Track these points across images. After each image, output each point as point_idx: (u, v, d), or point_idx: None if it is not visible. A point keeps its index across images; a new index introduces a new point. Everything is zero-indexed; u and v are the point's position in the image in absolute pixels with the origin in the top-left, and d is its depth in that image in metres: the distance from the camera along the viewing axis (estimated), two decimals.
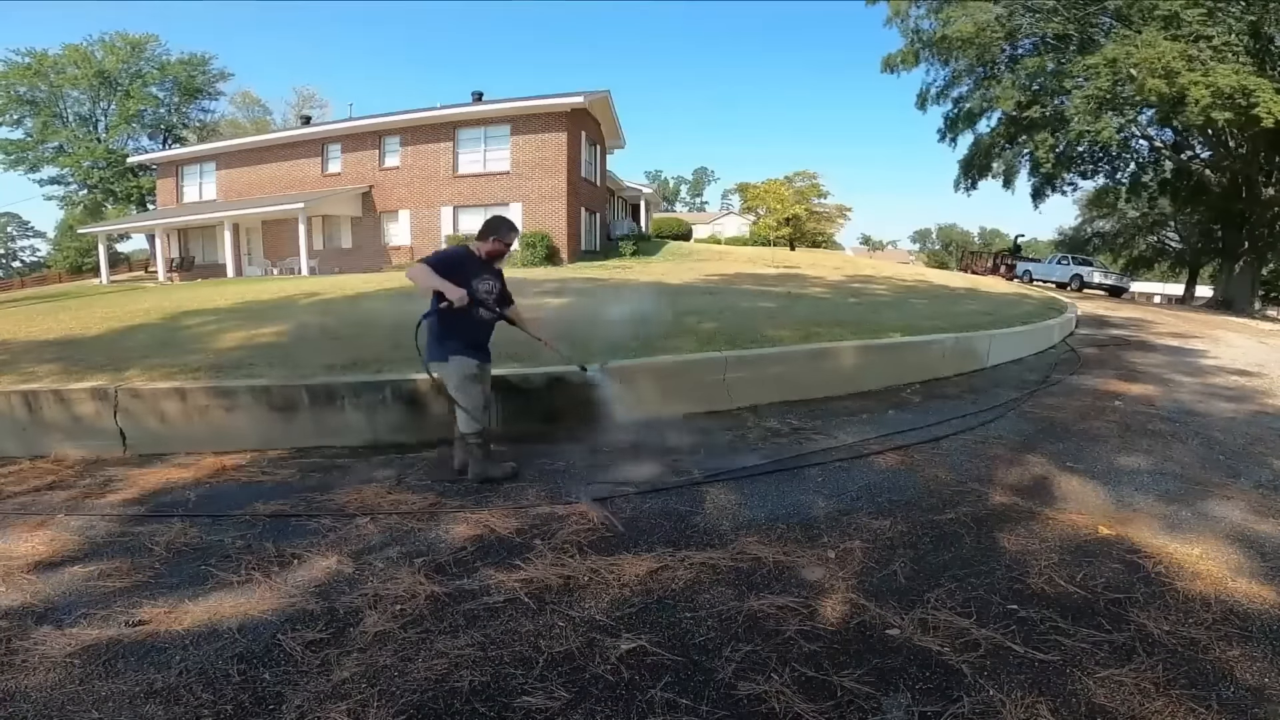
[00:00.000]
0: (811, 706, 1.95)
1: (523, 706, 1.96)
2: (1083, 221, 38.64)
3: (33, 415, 4.62)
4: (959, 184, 27.73)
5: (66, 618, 2.47)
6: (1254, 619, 2.44)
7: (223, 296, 11.14)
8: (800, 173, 49.12)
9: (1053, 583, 2.66)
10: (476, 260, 3.71)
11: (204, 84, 41.30)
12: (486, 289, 3.72)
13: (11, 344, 6.93)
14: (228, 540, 3.12)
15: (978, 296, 12.57)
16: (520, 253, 20.02)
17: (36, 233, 58.28)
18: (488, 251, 3.73)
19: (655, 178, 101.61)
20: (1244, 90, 16.86)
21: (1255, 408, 5.90)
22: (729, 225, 58.04)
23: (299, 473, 4.07)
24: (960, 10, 22.32)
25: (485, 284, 3.71)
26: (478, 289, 3.63)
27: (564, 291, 10.64)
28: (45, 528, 3.32)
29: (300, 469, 4.14)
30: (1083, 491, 3.69)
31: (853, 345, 6.28)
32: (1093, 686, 2.04)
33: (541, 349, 4.36)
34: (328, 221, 23.33)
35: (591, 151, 23.47)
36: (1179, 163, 24.94)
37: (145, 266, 33.62)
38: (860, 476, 3.88)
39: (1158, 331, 11.52)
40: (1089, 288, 24.44)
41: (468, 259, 3.69)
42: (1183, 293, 33.14)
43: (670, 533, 3.13)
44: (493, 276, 3.79)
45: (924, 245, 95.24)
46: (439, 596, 2.58)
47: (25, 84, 36.62)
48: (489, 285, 3.74)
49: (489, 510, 3.39)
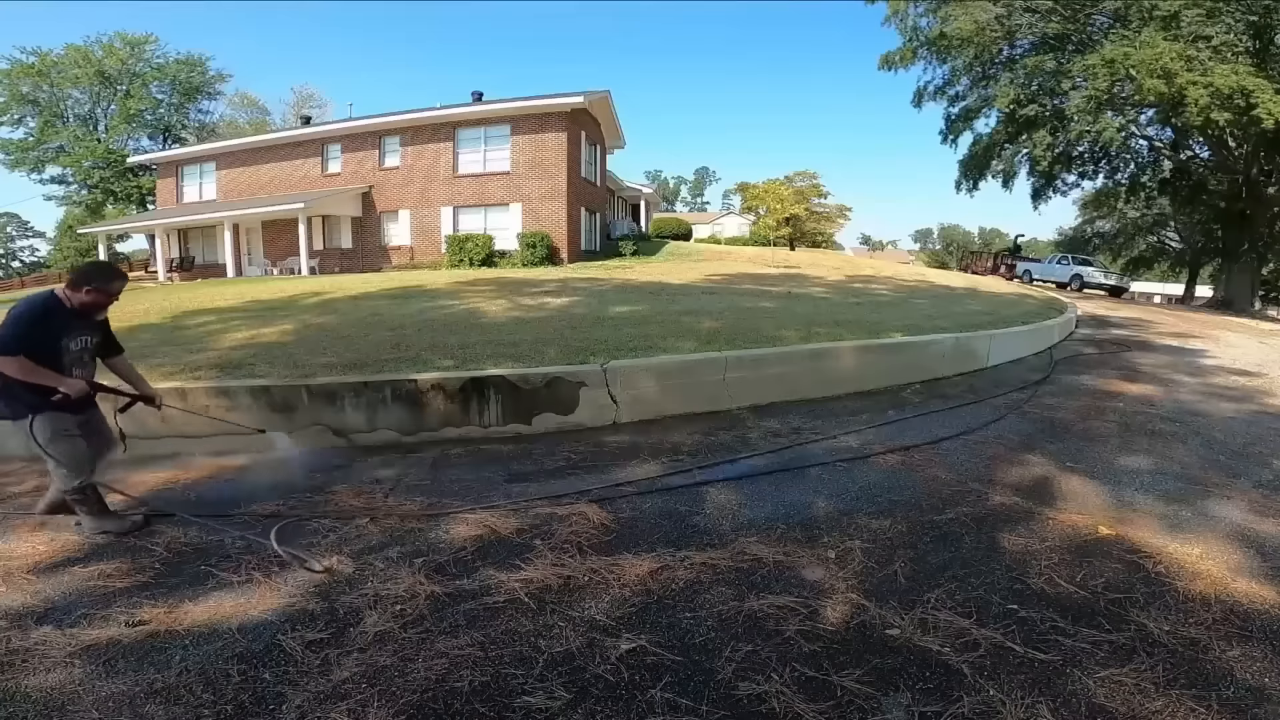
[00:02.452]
0: (811, 706, 1.95)
1: (523, 706, 1.96)
2: (1083, 222, 38.67)
3: None
4: (960, 185, 27.70)
5: (67, 618, 2.47)
6: (1254, 619, 2.44)
7: (223, 297, 11.14)
8: (800, 172, 49.23)
9: (1053, 583, 2.66)
10: (67, 313, 3.06)
11: (203, 84, 41.33)
12: (79, 347, 3.13)
13: None
14: (228, 540, 3.12)
15: (978, 296, 12.57)
16: (520, 253, 20.04)
17: (36, 233, 58.40)
18: (81, 303, 3.06)
19: (655, 178, 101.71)
20: (1243, 91, 16.85)
21: (1255, 408, 5.90)
22: (729, 225, 58.07)
23: (299, 473, 4.06)
24: (960, 9, 22.31)
25: (78, 341, 3.12)
26: (69, 348, 3.07)
27: (564, 291, 10.65)
28: (45, 528, 3.32)
29: (300, 469, 4.13)
30: (1083, 491, 3.69)
31: (852, 345, 6.28)
32: (1093, 686, 2.04)
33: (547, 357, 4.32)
34: (328, 221, 23.33)
35: (591, 151, 23.47)
36: (1179, 163, 24.94)
37: (145, 266, 33.59)
38: (860, 476, 3.88)
39: (1158, 331, 11.52)
40: (1089, 288, 24.44)
41: (54, 314, 3.03)
42: (1183, 293, 33.13)
43: (670, 533, 3.13)
44: (89, 330, 3.18)
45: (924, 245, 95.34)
46: (439, 597, 2.58)
47: (28, 83, 36.65)
48: (82, 342, 3.15)
49: (489, 511, 3.39)
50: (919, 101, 26.85)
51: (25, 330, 2.92)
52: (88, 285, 3.06)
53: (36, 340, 2.94)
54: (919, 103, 26.86)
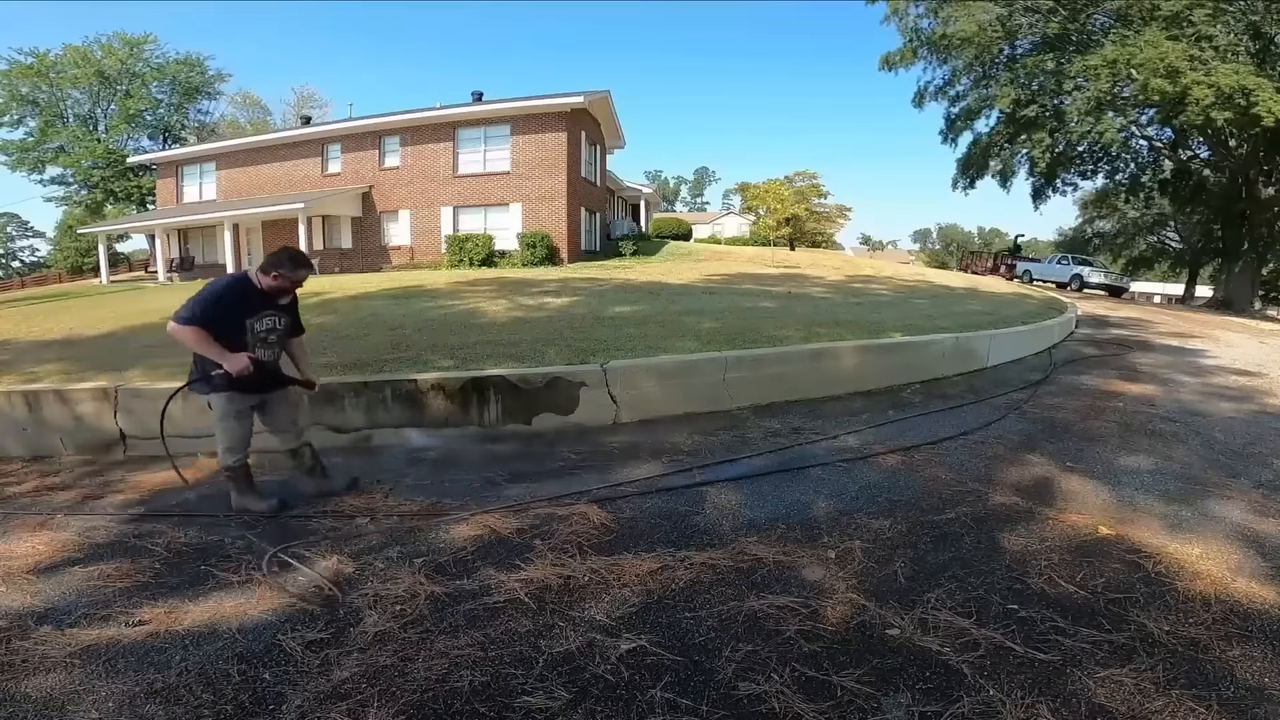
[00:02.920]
0: (811, 706, 1.95)
1: (523, 706, 1.96)
2: (1083, 221, 38.68)
3: (34, 415, 4.63)
4: (956, 183, 27.76)
5: (67, 618, 2.47)
6: (1254, 619, 2.44)
7: None
8: (800, 173, 49.24)
9: (1053, 583, 2.66)
10: (256, 294, 3.29)
11: (202, 84, 41.34)
12: (265, 327, 3.33)
13: (12, 344, 6.93)
14: (228, 540, 3.12)
15: (978, 296, 12.57)
16: (520, 253, 20.04)
17: (36, 233, 58.29)
18: (270, 286, 3.29)
19: (655, 178, 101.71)
20: (1244, 90, 16.86)
21: (1256, 407, 5.90)
22: (729, 225, 58.08)
23: (299, 473, 4.06)
24: (960, 9, 22.32)
25: (265, 322, 3.32)
26: (254, 328, 3.28)
27: (564, 291, 10.65)
28: (46, 528, 3.32)
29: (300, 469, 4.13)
30: (1083, 491, 3.69)
31: (852, 345, 6.28)
32: (1093, 686, 2.04)
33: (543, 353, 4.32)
34: (328, 221, 23.34)
35: (591, 151, 23.47)
36: (1179, 163, 24.95)
37: (145, 266, 33.62)
38: (860, 476, 3.88)
39: (1158, 331, 11.51)
40: (1089, 288, 24.43)
41: (245, 296, 3.27)
42: (1183, 293, 33.14)
43: (670, 533, 3.13)
44: (276, 312, 3.38)
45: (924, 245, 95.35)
46: (439, 597, 2.58)
47: (28, 84, 36.65)
48: (269, 323, 3.35)
49: (489, 511, 3.39)
50: (919, 101, 26.90)
51: (211, 307, 3.12)
52: (276, 271, 3.26)
53: (221, 317, 3.14)
54: (919, 103, 26.91)
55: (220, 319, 3.14)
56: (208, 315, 3.11)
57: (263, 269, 3.28)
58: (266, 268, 3.27)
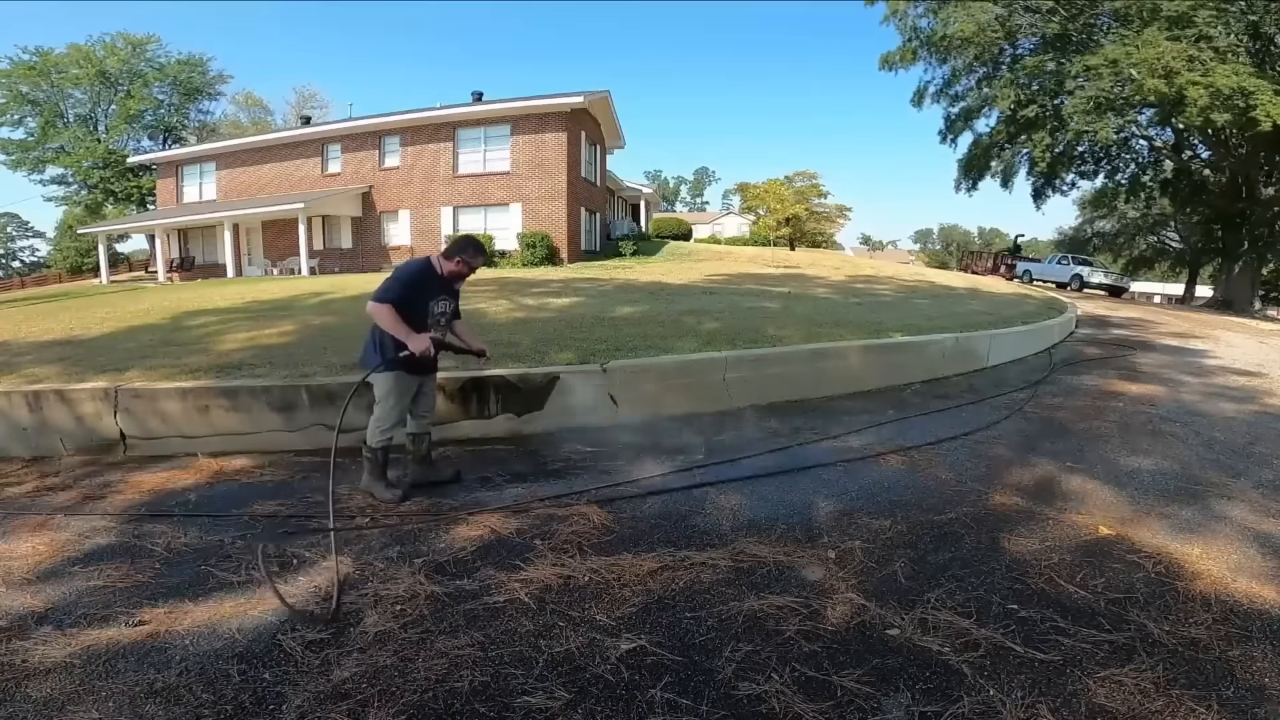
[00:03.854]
0: (811, 706, 1.95)
1: (523, 706, 1.96)
2: (1083, 221, 38.67)
3: (34, 416, 4.62)
4: (959, 184, 27.76)
5: (67, 618, 2.47)
6: (1254, 619, 2.44)
7: (223, 297, 11.15)
8: (800, 172, 49.31)
9: (1053, 583, 2.66)
10: (437, 279, 3.52)
11: (203, 85, 41.35)
12: (441, 310, 3.54)
13: (12, 344, 6.93)
14: (228, 540, 3.12)
15: (979, 296, 12.58)
16: (520, 253, 20.04)
17: (36, 233, 58.32)
18: (450, 271, 3.52)
19: (655, 178, 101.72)
20: (1243, 92, 16.84)
21: (1256, 408, 5.90)
22: (729, 225, 58.10)
23: (299, 473, 4.07)
24: (960, 10, 22.31)
25: (440, 305, 3.53)
26: (432, 310, 3.49)
27: (564, 292, 10.65)
28: (46, 528, 3.32)
29: (301, 469, 4.14)
30: (1083, 491, 3.69)
31: (852, 345, 6.28)
32: (1093, 686, 2.04)
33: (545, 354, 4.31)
34: (328, 221, 23.34)
35: (591, 151, 23.47)
36: (1179, 163, 24.93)
37: (145, 266, 33.66)
38: (860, 476, 3.88)
39: (1158, 331, 11.51)
40: (1089, 288, 24.44)
41: (429, 279, 3.49)
42: (1183, 293, 33.13)
43: (670, 533, 3.13)
44: (449, 297, 3.60)
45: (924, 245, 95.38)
46: (439, 597, 2.58)
47: (28, 83, 36.65)
48: (444, 306, 3.56)
49: (489, 511, 3.39)
50: (919, 102, 26.90)
51: (404, 289, 3.37)
52: (459, 256, 3.48)
53: (411, 299, 3.37)
54: (919, 103, 26.92)
55: (410, 300, 3.36)
56: (403, 295, 3.34)
57: (445, 255, 3.52)
58: (450, 253, 3.50)
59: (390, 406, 3.52)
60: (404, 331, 3.28)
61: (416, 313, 3.39)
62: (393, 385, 3.47)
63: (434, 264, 3.53)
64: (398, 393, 3.50)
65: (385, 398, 3.50)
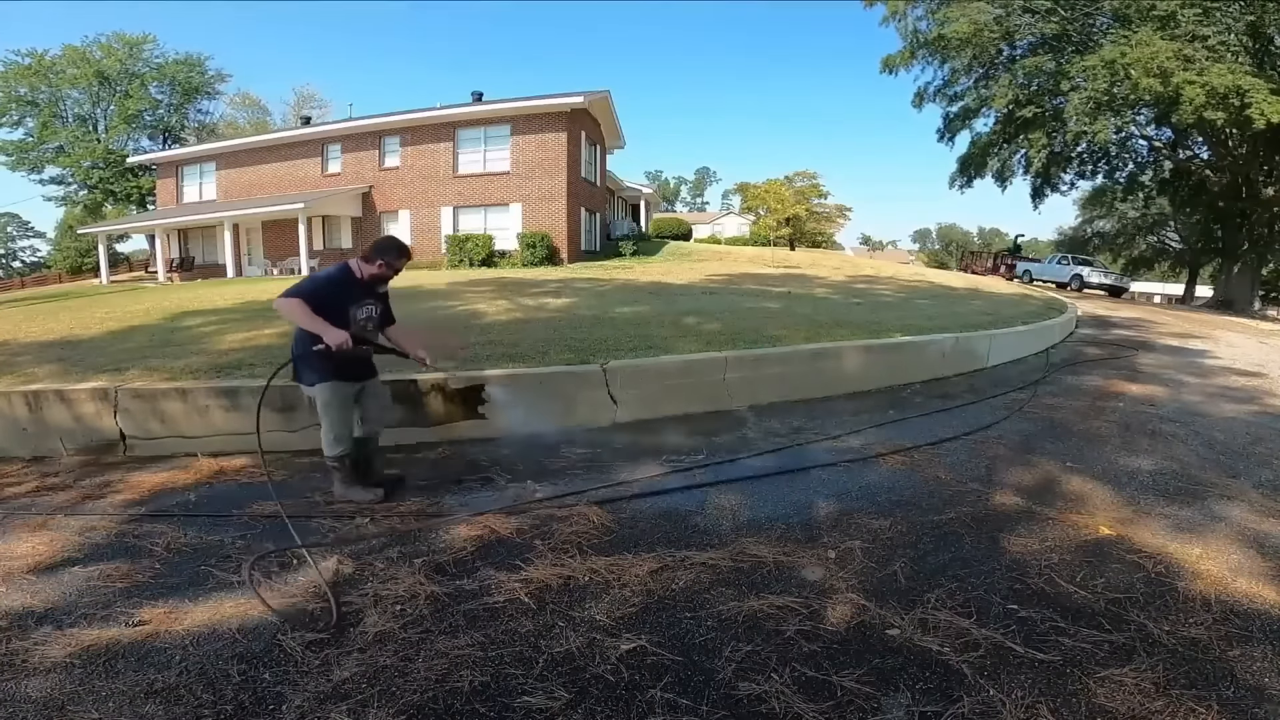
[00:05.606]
0: (811, 706, 1.95)
1: (523, 706, 1.96)
2: (1082, 221, 38.69)
3: (33, 416, 4.62)
4: (954, 181, 27.77)
5: (67, 618, 2.47)
6: (1255, 619, 2.44)
7: (223, 297, 11.14)
8: (800, 173, 49.33)
9: (1053, 583, 2.66)
10: (357, 283, 3.41)
11: (202, 84, 41.34)
12: (365, 315, 3.45)
13: (12, 344, 6.92)
14: (228, 540, 3.11)
15: (979, 296, 12.58)
16: (520, 253, 20.05)
17: (36, 233, 58.35)
18: (372, 274, 3.41)
19: (655, 178, 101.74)
20: (1238, 90, 16.84)
21: (1256, 408, 5.90)
22: (729, 225, 58.12)
23: (299, 473, 4.07)
24: (958, 11, 22.32)
25: (364, 310, 3.45)
26: (355, 316, 3.39)
27: (564, 292, 10.65)
28: (45, 528, 3.32)
29: (301, 470, 4.14)
30: (1084, 491, 3.69)
31: (852, 345, 6.28)
32: (1093, 686, 2.04)
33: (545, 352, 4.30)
34: (328, 221, 23.34)
35: (591, 151, 23.47)
36: (1178, 162, 24.94)
37: (145, 266, 33.65)
38: (861, 476, 3.88)
39: (1158, 331, 11.51)
40: (1089, 288, 24.44)
41: (347, 283, 3.39)
42: (1183, 293, 33.15)
43: (670, 533, 3.13)
44: (374, 300, 3.50)
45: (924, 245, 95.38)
46: (439, 597, 2.58)
47: (26, 84, 36.65)
48: (368, 310, 3.47)
49: (489, 511, 3.39)
50: (919, 102, 26.92)
51: (319, 288, 3.29)
52: (380, 259, 3.38)
53: (326, 302, 3.24)
54: (919, 104, 26.94)
55: (326, 303, 3.25)
56: (316, 294, 3.25)
57: (365, 258, 3.41)
58: (371, 257, 3.39)
59: (334, 418, 3.44)
60: (320, 325, 3.15)
61: (334, 317, 3.24)
62: (330, 395, 3.40)
63: (353, 268, 3.42)
64: (336, 403, 3.42)
65: (325, 410, 3.43)
